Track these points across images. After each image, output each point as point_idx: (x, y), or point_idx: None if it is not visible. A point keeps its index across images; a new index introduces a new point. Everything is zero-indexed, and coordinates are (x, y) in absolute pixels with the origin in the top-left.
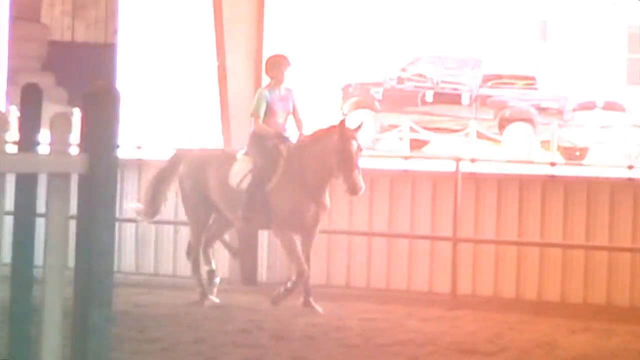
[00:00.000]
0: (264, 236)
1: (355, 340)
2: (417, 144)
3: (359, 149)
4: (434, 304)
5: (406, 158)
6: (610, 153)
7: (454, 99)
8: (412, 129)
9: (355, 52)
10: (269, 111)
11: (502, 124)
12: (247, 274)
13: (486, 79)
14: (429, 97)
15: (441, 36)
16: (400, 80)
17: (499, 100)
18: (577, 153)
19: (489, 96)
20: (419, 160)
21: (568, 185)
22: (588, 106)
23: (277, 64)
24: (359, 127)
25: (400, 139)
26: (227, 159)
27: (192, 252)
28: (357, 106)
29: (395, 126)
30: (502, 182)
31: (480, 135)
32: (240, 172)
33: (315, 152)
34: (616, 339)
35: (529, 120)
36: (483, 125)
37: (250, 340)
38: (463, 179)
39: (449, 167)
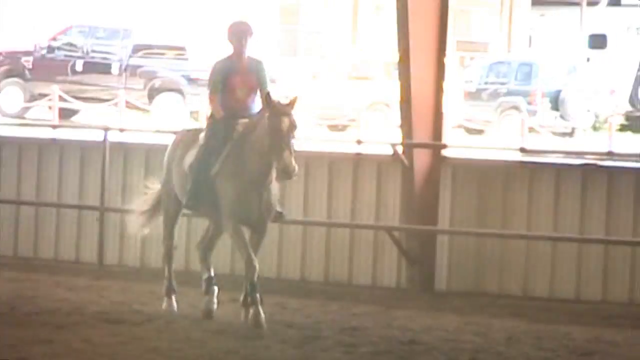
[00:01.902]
0: None
1: (2, 308)
2: (66, 113)
3: (292, 126)
4: (81, 274)
5: (55, 127)
6: None
7: (104, 68)
8: (61, 98)
9: (4, 20)
10: (227, 86)
11: (152, 94)
12: None
13: (137, 49)
14: (79, 66)
15: (92, 6)
16: (50, 49)
17: (149, 71)
18: None
19: (139, 66)
20: (67, 130)
21: None
22: None
23: (236, 33)
24: (293, 101)
25: (50, 107)
26: (191, 141)
27: (165, 247)
28: (7, 75)
29: (45, 95)
30: (150, 151)
31: (129, 105)
32: (193, 155)
33: (254, 135)
34: (263, 310)
35: (178, 91)
36: (132, 95)
37: None
38: (111, 149)
39: (98, 136)
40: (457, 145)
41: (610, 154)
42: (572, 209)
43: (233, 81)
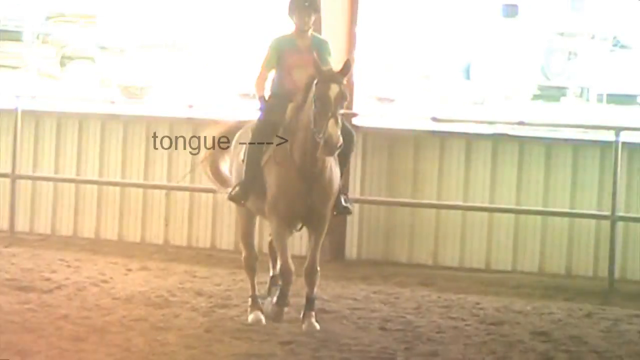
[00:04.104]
0: None
1: None
2: None
3: (341, 95)
4: None
5: None
6: (171, 92)
7: (15, 36)
8: None
9: None
10: (284, 65)
11: (63, 61)
12: None
13: (49, 16)
14: None
15: None
16: None
17: (61, 38)
18: (138, 92)
19: (51, 34)
20: None
21: (128, 122)
22: (150, 45)
23: (298, 7)
24: (346, 67)
25: None
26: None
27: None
28: None
29: None
30: (61, 119)
31: (41, 73)
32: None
33: (301, 114)
34: (173, 278)
35: (90, 58)
36: (44, 63)
37: None
38: (23, 116)
39: (9, 104)
40: (369, 114)
41: (521, 123)
42: (483, 178)
43: (290, 60)
